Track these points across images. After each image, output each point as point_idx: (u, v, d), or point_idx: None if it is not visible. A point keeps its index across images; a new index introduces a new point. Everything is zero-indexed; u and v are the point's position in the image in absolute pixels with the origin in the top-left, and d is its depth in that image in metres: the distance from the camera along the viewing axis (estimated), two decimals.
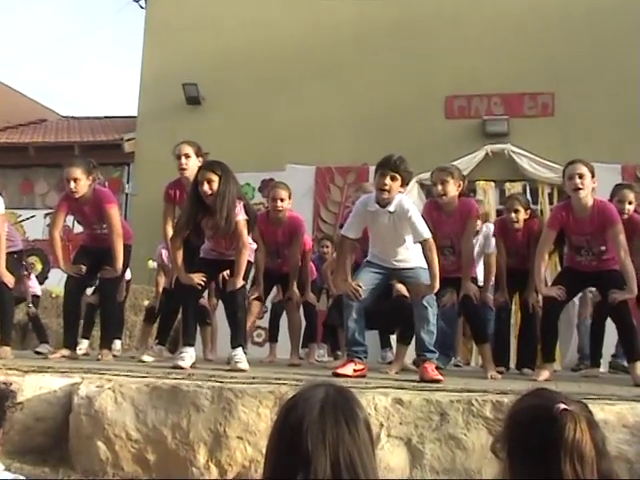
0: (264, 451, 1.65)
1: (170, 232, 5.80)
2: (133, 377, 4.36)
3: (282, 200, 6.39)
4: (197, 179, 5.21)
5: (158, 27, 13.59)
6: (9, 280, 6.13)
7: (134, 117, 13.99)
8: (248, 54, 12.76)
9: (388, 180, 4.88)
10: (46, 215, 12.84)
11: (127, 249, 6.30)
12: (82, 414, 4.10)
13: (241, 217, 5.18)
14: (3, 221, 6.21)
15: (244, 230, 5.20)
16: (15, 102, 16.21)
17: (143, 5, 14.36)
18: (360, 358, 4.93)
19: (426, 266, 4.92)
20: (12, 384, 2.11)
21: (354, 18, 12.58)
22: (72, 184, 5.91)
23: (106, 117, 16.59)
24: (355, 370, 4.82)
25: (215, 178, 5.10)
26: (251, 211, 5.42)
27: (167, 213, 6.06)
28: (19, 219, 13.65)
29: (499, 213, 10.75)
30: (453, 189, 5.53)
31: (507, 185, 11.40)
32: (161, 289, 7.39)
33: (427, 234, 4.91)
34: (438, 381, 4.57)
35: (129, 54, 52.64)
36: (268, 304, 7.65)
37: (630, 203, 5.92)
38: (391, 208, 4.94)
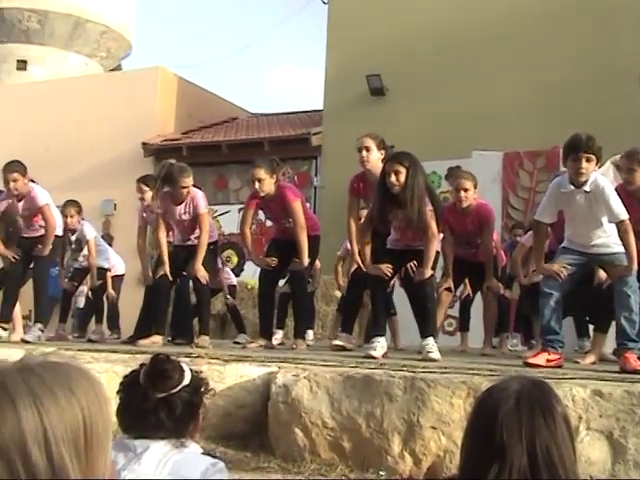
0: (458, 442, 1.65)
1: (354, 225, 5.88)
2: (327, 366, 4.46)
3: (466, 190, 6.27)
4: (385, 171, 5.24)
5: (340, 21, 13.80)
6: (203, 275, 6.41)
7: (320, 111, 14.28)
8: (429, 42, 12.69)
9: (584, 163, 4.66)
10: (240, 210, 13.39)
11: (315, 240, 6.49)
12: (280, 402, 4.23)
13: (428, 207, 5.16)
14: (208, 219, 6.54)
15: (432, 220, 5.16)
16: (208, 103, 16.95)
17: (325, 0, 14.63)
18: (555, 348, 4.76)
19: None
20: (202, 372, 2.24)
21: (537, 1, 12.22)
22: (257, 184, 6.18)
23: (293, 113, 17.02)
24: (549, 360, 4.67)
25: (402, 170, 5.10)
26: (437, 202, 5.38)
27: (351, 206, 6.13)
28: (215, 214, 14.32)
29: None
30: None
31: None
32: (341, 279, 7.71)
33: (624, 215, 4.69)
34: None
35: (313, 51, 53.77)
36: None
37: None
38: (587, 187, 4.73)
